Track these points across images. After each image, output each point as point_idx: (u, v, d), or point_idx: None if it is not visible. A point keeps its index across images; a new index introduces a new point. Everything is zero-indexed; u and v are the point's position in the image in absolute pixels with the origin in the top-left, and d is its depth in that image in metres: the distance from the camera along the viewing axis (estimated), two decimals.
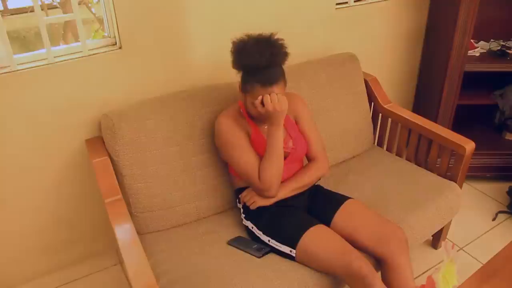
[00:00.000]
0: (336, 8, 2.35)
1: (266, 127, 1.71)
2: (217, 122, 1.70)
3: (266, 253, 1.62)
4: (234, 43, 1.58)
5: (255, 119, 1.69)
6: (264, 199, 1.67)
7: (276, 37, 1.57)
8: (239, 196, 1.75)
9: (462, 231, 2.30)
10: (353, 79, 2.24)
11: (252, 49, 1.53)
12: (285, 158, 1.71)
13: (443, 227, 2.08)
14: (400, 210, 1.82)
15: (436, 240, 2.19)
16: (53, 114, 1.79)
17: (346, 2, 2.40)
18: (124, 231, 1.49)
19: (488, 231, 2.34)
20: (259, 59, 1.51)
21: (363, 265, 1.45)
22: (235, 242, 1.68)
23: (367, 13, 2.47)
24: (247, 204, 1.69)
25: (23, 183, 1.85)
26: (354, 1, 2.42)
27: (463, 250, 2.21)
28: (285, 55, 1.58)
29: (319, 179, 1.81)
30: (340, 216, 1.68)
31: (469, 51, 2.41)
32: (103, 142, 1.78)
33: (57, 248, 2.06)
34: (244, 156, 1.65)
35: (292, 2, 2.16)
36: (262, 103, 1.55)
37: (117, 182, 1.67)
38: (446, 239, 2.21)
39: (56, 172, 1.90)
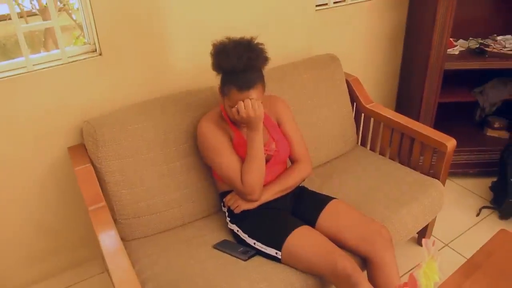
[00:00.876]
0: (316, 10, 2.36)
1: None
2: (199, 126, 1.70)
3: (252, 256, 1.62)
4: (214, 45, 1.58)
5: (236, 123, 1.69)
6: (248, 202, 1.67)
7: (256, 41, 1.57)
8: (223, 200, 1.75)
9: (446, 228, 2.33)
10: (334, 80, 2.25)
11: (231, 52, 1.53)
12: (268, 160, 1.71)
13: (428, 224, 2.10)
14: (385, 209, 1.83)
15: (421, 237, 2.22)
16: (34, 122, 1.77)
17: (326, 4, 2.42)
18: (108, 239, 1.48)
19: (472, 227, 2.37)
20: (237, 62, 1.51)
21: (348, 264, 1.46)
22: (221, 246, 1.68)
23: (347, 14, 2.49)
24: (232, 208, 1.69)
25: (5, 192, 1.83)
26: (334, 2, 2.44)
27: (448, 246, 2.23)
28: (264, 60, 1.58)
29: (303, 181, 1.82)
30: (325, 217, 1.69)
31: (448, 50, 2.44)
32: (86, 149, 1.77)
33: (42, 257, 2.04)
34: (226, 160, 1.65)
35: (272, 4, 2.17)
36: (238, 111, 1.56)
37: (100, 189, 1.66)
38: (427, 237, 2.23)
39: (39, 180, 1.88)
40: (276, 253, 1.57)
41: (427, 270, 1.04)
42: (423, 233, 2.18)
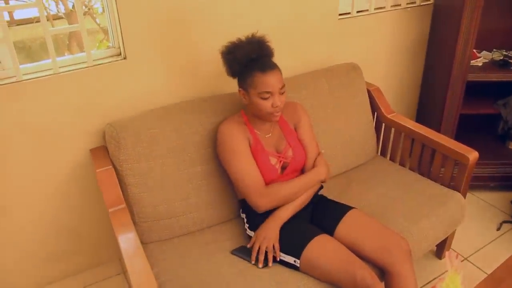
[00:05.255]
0: (339, 19, 2.36)
1: (267, 136, 1.72)
2: (219, 128, 1.71)
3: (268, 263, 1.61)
4: (222, 51, 1.67)
5: (257, 126, 1.70)
6: (275, 230, 1.64)
7: (258, 34, 1.67)
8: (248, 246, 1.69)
9: (466, 241, 2.30)
10: (355, 89, 2.25)
11: (242, 44, 1.63)
12: (284, 168, 1.72)
13: (447, 237, 2.07)
14: (404, 220, 1.81)
15: (440, 250, 2.19)
16: (58, 124, 1.80)
17: (349, 13, 2.42)
18: (127, 241, 1.49)
19: (492, 241, 2.33)
20: (251, 49, 1.61)
21: (367, 275, 1.45)
22: (239, 252, 1.68)
23: (370, 24, 2.49)
24: (267, 248, 1.62)
25: (27, 193, 1.86)
26: (357, 12, 2.43)
27: (468, 260, 2.20)
28: (271, 49, 1.69)
29: (320, 185, 1.81)
30: (343, 226, 1.68)
31: (471, 61, 2.41)
32: (108, 152, 1.79)
33: (60, 257, 2.06)
34: (243, 164, 1.65)
35: (295, 13, 2.17)
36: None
37: (121, 191, 1.67)
38: (450, 249, 2.20)
39: (60, 181, 1.91)
40: (295, 261, 1.57)
41: (450, 283, 1.02)
42: (442, 246, 2.15)
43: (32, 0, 1.63)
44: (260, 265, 1.60)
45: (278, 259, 1.60)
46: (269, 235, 1.62)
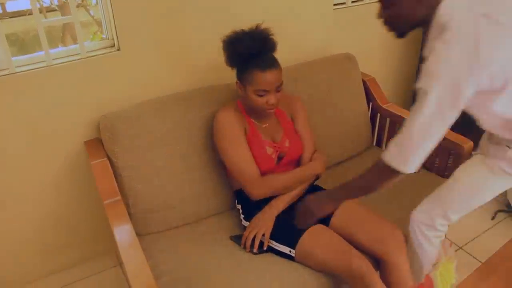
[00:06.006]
0: (334, 9, 2.35)
1: (264, 126, 1.72)
2: (216, 116, 1.71)
3: (264, 251, 1.62)
4: (224, 40, 1.62)
5: (254, 116, 1.70)
6: (270, 219, 1.65)
7: (262, 26, 1.61)
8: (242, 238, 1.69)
9: (461, 230, 2.31)
10: (351, 80, 2.24)
11: (245, 37, 1.58)
12: (281, 158, 1.72)
13: None
14: (399, 210, 1.82)
15: None
16: (52, 116, 1.79)
17: (344, 3, 2.41)
18: (123, 232, 1.49)
19: (487, 230, 2.35)
20: (253, 44, 1.55)
21: (362, 264, 1.46)
22: (237, 238, 1.68)
23: (365, 13, 2.48)
24: (259, 234, 1.63)
25: (21, 186, 1.85)
26: (352, 2, 2.42)
27: (462, 249, 2.21)
28: (274, 42, 1.63)
29: (316, 178, 1.81)
30: (338, 217, 1.69)
31: None
32: (102, 144, 1.78)
33: (56, 249, 2.06)
34: (238, 151, 1.66)
35: (290, 3, 2.16)
36: None
37: (116, 183, 1.67)
38: (445, 239, 2.21)
39: (55, 173, 1.90)
40: (290, 251, 1.57)
41: (443, 271, 1.03)
42: None
43: None
44: (247, 250, 1.62)
45: (265, 248, 1.62)
46: (261, 223, 1.63)
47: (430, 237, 1.57)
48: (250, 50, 1.57)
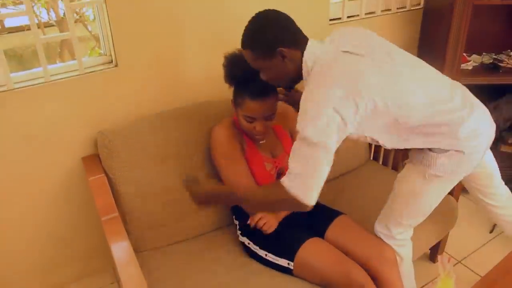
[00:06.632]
0: (330, 24, 2.37)
1: (261, 141, 1.72)
2: (212, 132, 1.71)
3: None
4: (226, 56, 1.61)
5: (249, 135, 1.70)
6: (276, 222, 1.66)
7: None
8: (248, 222, 1.68)
9: (459, 244, 2.30)
10: None
11: (244, 61, 1.53)
12: (281, 173, 1.72)
13: (441, 241, 2.08)
14: None
15: (433, 253, 2.19)
16: (50, 132, 1.79)
17: (340, 18, 2.43)
18: (120, 249, 1.48)
19: (485, 244, 2.34)
20: (250, 70, 1.52)
21: (361, 273, 1.48)
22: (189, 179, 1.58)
23: None
24: (264, 228, 1.63)
25: (18, 202, 1.84)
26: (347, 17, 2.45)
27: (461, 263, 2.21)
28: None
29: None
30: (332, 232, 1.69)
31: (461, 65, 2.43)
32: (100, 160, 1.78)
33: (53, 266, 2.05)
34: (234, 167, 1.66)
35: None
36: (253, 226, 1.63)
37: (113, 199, 1.66)
38: (443, 253, 2.21)
39: (52, 190, 1.89)
40: (288, 263, 1.57)
41: (443, 286, 1.03)
42: (435, 249, 2.15)
43: (23, 8, 1.63)
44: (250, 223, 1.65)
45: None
46: (271, 221, 1.64)
47: (391, 246, 1.62)
48: (245, 75, 1.56)
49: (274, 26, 1.38)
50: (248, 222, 1.66)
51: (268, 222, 1.63)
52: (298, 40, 1.40)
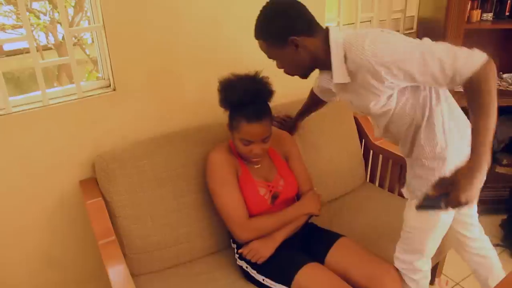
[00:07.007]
0: None
1: (256, 166, 1.73)
2: (209, 157, 1.71)
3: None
4: (220, 81, 1.62)
5: (244, 159, 1.71)
6: (270, 249, 1.65)
7: (261, 75, 1.62)
8: (239, 252, 1.70)
9: (457, 266, 2.29)
10: (343, 117, 2.28)
11: (238, 85, 1.57)
12: (276, 198, 1.72)
13: (438, 262, 2.07)
14: (392, 245, 1.81)
15: (432, 275, 2.16)
16: (47, 155, 1.80)
17: None
18: (117, 273, 1.48)
19: None
20: (244, 94, 1.55)
21: None
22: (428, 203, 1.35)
23: None
24: (253, 260, 1.64)
25: (15, 224, 1.83)
26: None
27: (459, 285, 2.20)
28: (270, 92, 1.62)
29: (309, 217, 1.81)
30: (333, 255, 1.68)
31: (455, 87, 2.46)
32: (97, 183, 1.78)
33: None
34: (227, 193, 1.66)
35: None
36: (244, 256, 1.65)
37: (110, 223, 1.66)
38: (441, 276, 2.20)
39: (49, 213, 1.89)
40: None
41: None
42: (433, 271, 2.13)
43: (22, 32, 1.65)
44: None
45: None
46: (262, 251, 1.63)
47: (420, 278, 1.61)
48: (240, 100, 1.57)
49: (285, 15, 1.35)
50: (240, 250, 1.67)
51: (258, 253, 1.63)
52: (312, 28, 1.37)
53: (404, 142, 1.52)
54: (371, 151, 2.34)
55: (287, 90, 2.31)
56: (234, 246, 1.78)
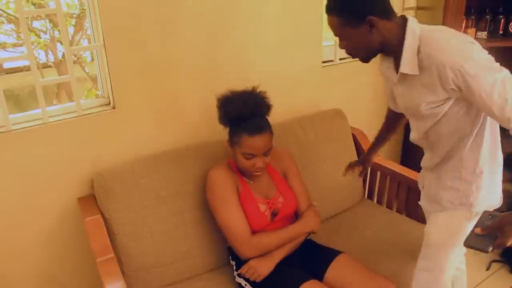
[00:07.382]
0: (323, 66, 2.44)
1: (256, 183, 1.73)
2: (209, 173, 1.72)
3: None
4: (219, 98, 1.64)
5: (245, 175, 1.72)
6: (269, 267, 1.65)
7: (258, 90, 1.64)
8: (240, 271, 1.69)
9: None
10: (340, 134, 2.29)
11: (236, 100, 1.59)
12: (275, 215, 1.72)
13: None
14: (393, 262, 1.82)
15: None
16: (46, 172, 1.80)
17: (332, 60, 2.51)
18: None
19: (482, 281, 2.34)
20: (243, 108, 1.57)
21: None
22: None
23: (352, 70, 2.57)
24: (251, 278, 1.64)
25: (14, 241, 1.83)
26: (339, 59, 2.52)
27: None
28: (268, 106, 1.65)
29: (308, 234, 1.81)
30: (333, 271, 1.68)
31: None
32: (96, 201, 1.79)
33: None
34: (229, 210, 1.66)
35: (280, 60, 2.25)
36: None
37: (109, 240, 1.66)
38: None
39: (48, 229, 1.88)
40: None
41: None
42: None
43: (23, 50, 1.67)
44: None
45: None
46: (260, 269, 1.63)
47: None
48: (240, 114, 1.59)
49: None
50: (239, 271, 1.67)
51: (256, 272, 1.62)
52: (389, 11, 1.33)
53: (440, 151, 1.49)
54: (369, 168, 2.35)
55: (290, 106, 2.34)
56: (233, 263, 1.78)
